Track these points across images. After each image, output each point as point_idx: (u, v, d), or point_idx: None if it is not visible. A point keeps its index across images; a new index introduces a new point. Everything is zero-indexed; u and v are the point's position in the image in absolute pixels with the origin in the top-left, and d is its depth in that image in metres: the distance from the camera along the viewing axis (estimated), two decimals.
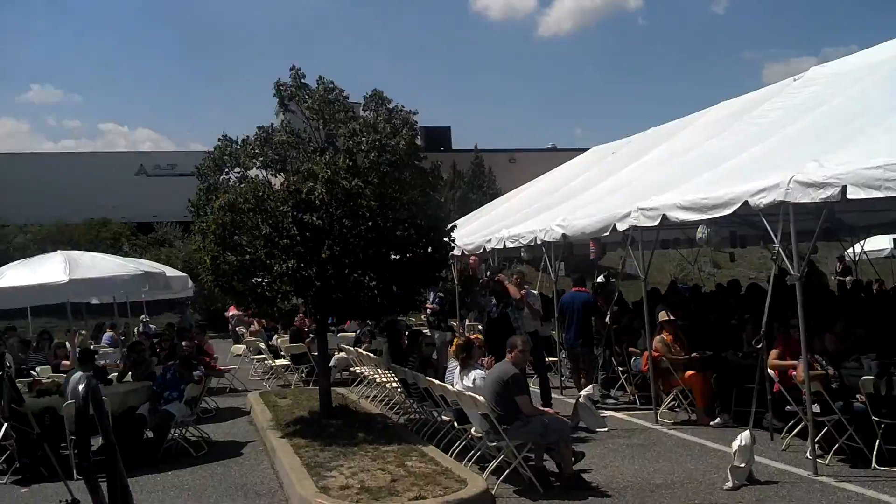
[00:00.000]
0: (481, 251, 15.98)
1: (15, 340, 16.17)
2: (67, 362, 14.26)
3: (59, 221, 36.51)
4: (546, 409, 8.73)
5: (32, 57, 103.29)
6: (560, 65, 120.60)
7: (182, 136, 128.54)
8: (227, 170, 10.61)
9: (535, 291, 13.66)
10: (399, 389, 11.66)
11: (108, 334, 18.52)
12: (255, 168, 10.74)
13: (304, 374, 16.12)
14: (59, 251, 12.68)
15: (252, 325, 20.00)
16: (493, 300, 11.42)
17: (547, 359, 12.67)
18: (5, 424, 7.60)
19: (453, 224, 11.55)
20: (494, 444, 8.05)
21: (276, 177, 10.79)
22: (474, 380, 8.59)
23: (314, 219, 10.00)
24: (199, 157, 11.34)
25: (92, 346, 15.57)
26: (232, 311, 21.99)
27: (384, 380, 12.39)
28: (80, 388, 3.24)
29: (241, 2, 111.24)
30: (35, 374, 13.72)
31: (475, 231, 17.47)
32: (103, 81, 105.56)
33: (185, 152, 45.09)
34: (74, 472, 8.96)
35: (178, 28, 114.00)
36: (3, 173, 41.77)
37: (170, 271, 14.95)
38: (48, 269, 11.52)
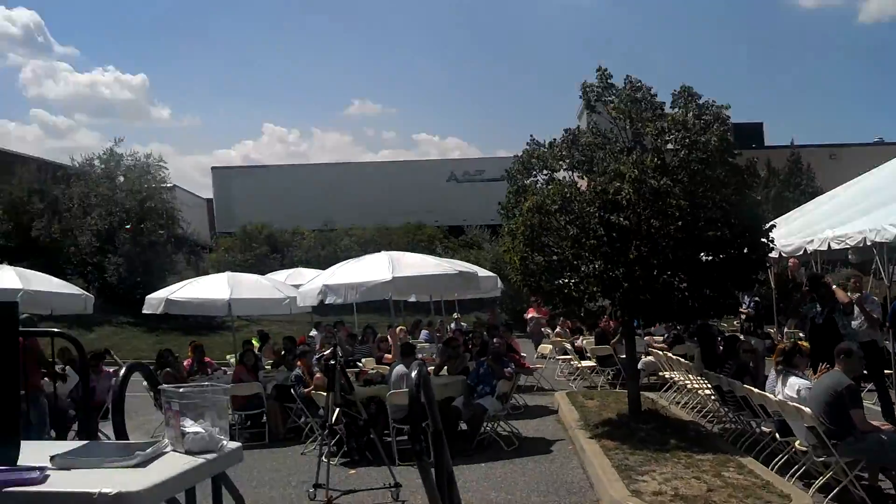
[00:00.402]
0: (801, 253, 14.78)
1: (343, 334, 17.76)
2: (389, 356, 15.38)
3: (379, 225, 39.62)
4: (885, 424, 7.86)
5: (354, 74, 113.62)
6: (886, 52, 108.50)
7: (487, 142, 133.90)
8: (535, 172, 10.84)
9: (875, 297, 12.39)
10: (713, 397, 11.15)
11: (425, 331, 19.73)
12: (561, 170, 10.86)
13: (609, 377, 16.02)
14: (383, 251, 13.68)
15: (556, 327, 20.24)
16: (818, 305, 10.53)
17: None
18: (337, 410, 8.36)
19: (771, 223, 10.83)
20: (822, 459, 7.40)
21: (582, 178, 10.83)
22: (798, 390, 7.96)
23: (621, 219, 9.89)
24: (505, 163, 11.66)
25: (410, 341, 16.66)
26: (531, 314, 22.43)
27: (696, 386, 11.92)
28: (413, 374, 3.43)
29: (539, 9, 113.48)
30: (361, 364, 14.95)
31: (794, 231, 16.20)
32: (417, 95, 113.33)
33: (491, 158, 46.86)
34: (396, 457, 9.66)
35: (481, 39, 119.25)
36: (330, 182, 46.35)
37: (481, 272, 15.57)
38: (375, 267, 12.46)
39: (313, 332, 18.74)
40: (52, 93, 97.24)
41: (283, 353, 14.44)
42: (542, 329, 21.42)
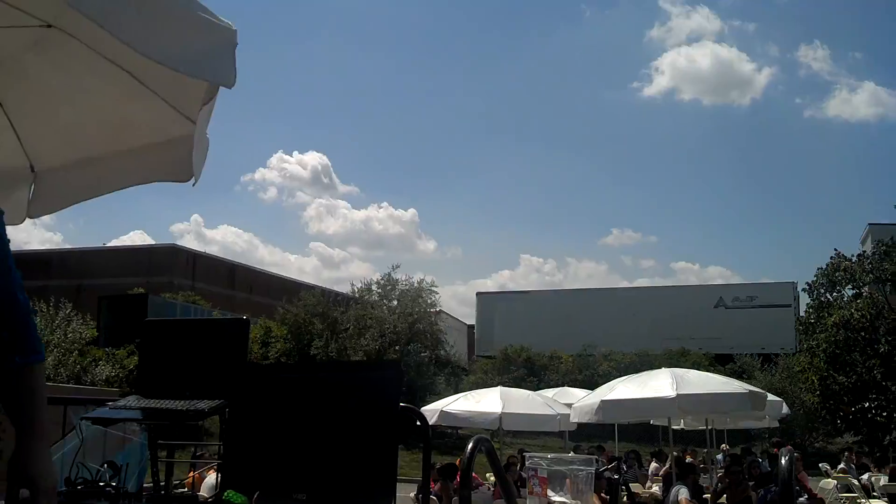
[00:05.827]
0: None
1: (604, 458, 17.20)
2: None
3: (640, 351, 38.82)
4: None
5: (613, 204, 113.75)
6: None
7: (753, 271, 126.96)
8: (839, 287, 10.40)
9: None
10: None
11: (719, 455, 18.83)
12: (866, 285, 10.32)
13: None
14: (664, 368, 13.35)
15: (840, 463, 18.63)
16: None
17: None
18: None
19: None
20: None
21: (893, 293, 10.20)
22: None
23: None
24: (778, 289, 11.16)
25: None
26: None
27: None
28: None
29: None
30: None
31: None
32: (678, 223, 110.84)
33: (762, 284, 44.64)
34: None
35: (749, 165, 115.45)
36: (591, 307, 46.68)
37: (770, 396, 14.66)
38: (657, 384, 12.07)
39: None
40: (332, 228, 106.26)
41: None
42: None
